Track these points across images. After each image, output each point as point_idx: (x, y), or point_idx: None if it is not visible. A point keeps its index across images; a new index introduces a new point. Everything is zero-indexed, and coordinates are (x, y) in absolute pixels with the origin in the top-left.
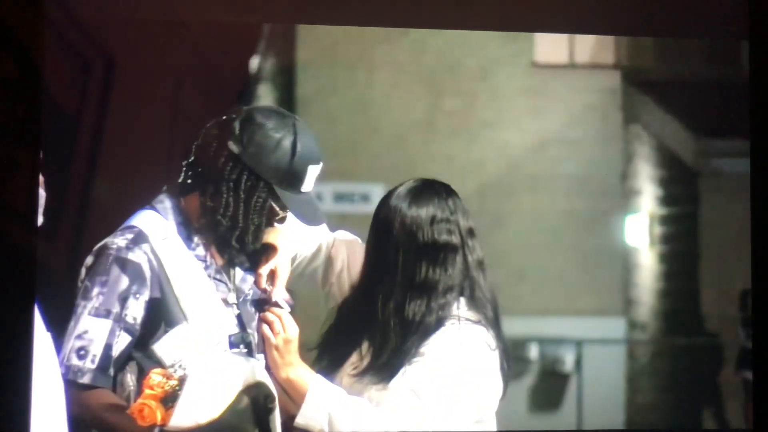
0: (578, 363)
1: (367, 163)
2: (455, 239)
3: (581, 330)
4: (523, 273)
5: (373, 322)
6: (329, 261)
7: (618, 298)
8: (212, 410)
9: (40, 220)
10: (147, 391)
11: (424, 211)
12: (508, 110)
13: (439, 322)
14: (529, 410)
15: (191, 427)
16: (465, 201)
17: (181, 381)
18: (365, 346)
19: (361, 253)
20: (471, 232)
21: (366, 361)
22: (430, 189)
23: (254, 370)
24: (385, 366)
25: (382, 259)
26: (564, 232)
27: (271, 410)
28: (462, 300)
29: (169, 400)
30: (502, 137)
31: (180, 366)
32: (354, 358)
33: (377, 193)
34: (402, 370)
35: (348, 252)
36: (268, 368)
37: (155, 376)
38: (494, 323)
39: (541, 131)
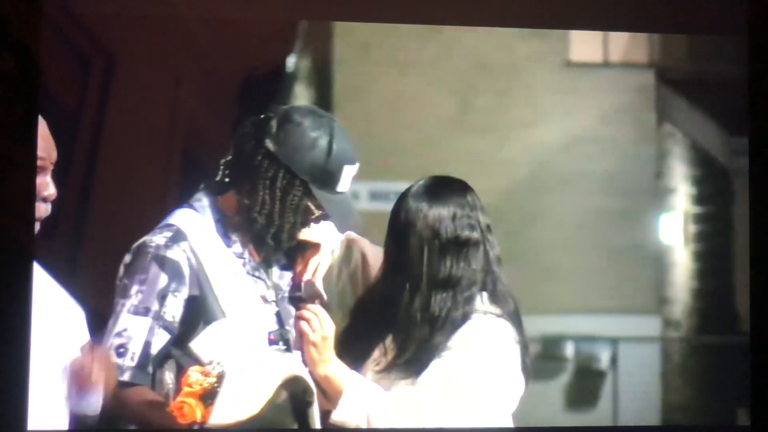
0: (613, 361)
1: (402, 161)
2: (476, 234)
3: (616, 328)
4: (556, 271)
5: (397, 318)
6: (343, 260)
7: (652, 296)
8: (252, 406)
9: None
10: (186, 389)
11: (445, 208)
12: (540, 108)
13: (465, 317)
14: (565, 408)
15: (231, 424)
16: (498, 199)
17: (220, 378)
18: (388, 342)
19: (375, 253)
20: (489, 228)
21: (390, 357)
22: (448, 186)
23: (292, 364)
24: (412, 361)
25: (406, 258)
26: (597, 231)
27: (309, 404)
28: (485, 294)
29: (208, 397)
30: (534, 135)
31: (218, 363)
32: (376, 354)
33: None
34: (430, 365)
35: (361, 251)
36: (304, 364)
37: (193, 373)
38: (516, 317)
39: (574, 129)
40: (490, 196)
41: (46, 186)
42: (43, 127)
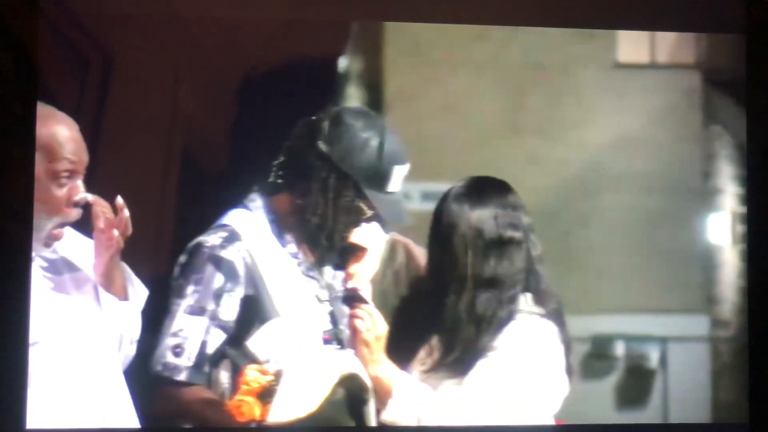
0: (663, 360)
1: (453, 162)
2: (519, 234)
3: (666, 327)
4: (606, 271)
5: (443, 318)
6: (388, 260)
7: (701, 295)
8: (309, 404)
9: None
10: (243, 387)
11: (487, 209)
12: (590, 109)
13: (510, 316)
14: (616, 406)
15: (289, 421)
16: (549, 199)
17: (277, 376)
18: (434, 342)
19: (419, 253)
20: (531, 228)
21: (436, 357)
22: (489, 187)
23: (349, 362)
24: (458, 361)
25: (450, 258)
26: (647, 231)
27: (365, 401)
28: (528, 295)
29: (266, 395)
30: (584, 136)
31: (275, 361)
32: (422, 354)
33: None
34: (477, 365)
35: (406, 251)
36: None
37: (251, 372)
38: (559, 317)
39: (622, 130)
40: (542, 196)
41: (77, 190)
42: (74, 130)
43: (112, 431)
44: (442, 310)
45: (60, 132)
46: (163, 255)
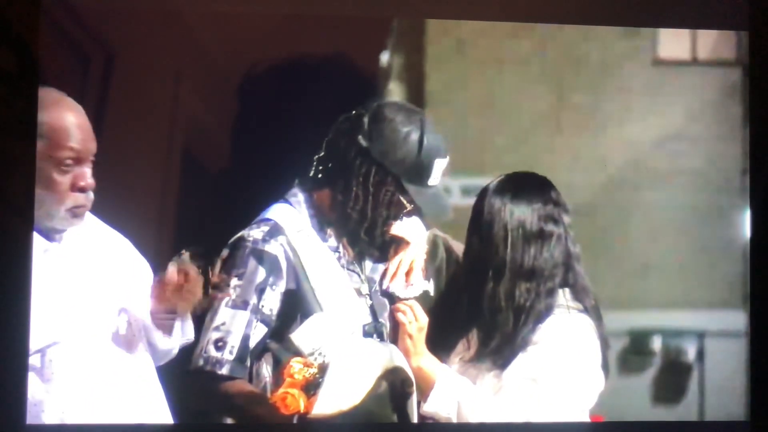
0: (700, 354)
1: (494, 157)
2: (559, 229)
3: (703, 322)
4: (645, 266)
5: (481, 310)
6: (429, 256)
7: (738, 291)
8: (354, 396)
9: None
10: (288, 380)
11: (527, 203)
12: (631, 105)
13: (548, 310)
14: (653, 401)
15: (334, 414)
16: (591, 195)
17: (321, 369)
18: (472, 335)
19: (458, 250)
20: (570, 226)
21: (474, 350)
22: (531, 182)
23: (392, 355)
24: (497, 354)
25: (489, 249)
26: (686, 226)
27: (409, 395)
28: (567, 290)
29: (310, 387)
30: (626, 132)
31: (320, 353)
32: (460, 348)
33: None
34: (517, 358)
35: (446, 247)
36: None
37: (296, 364)
38: (596, 313)
39: (664, 126)
40: (584, 191)
41: (83, 176)
42: (81, 118)
43: (112, 427)
44: (480, 300)
45: (67, 119)
46: (164, 252)
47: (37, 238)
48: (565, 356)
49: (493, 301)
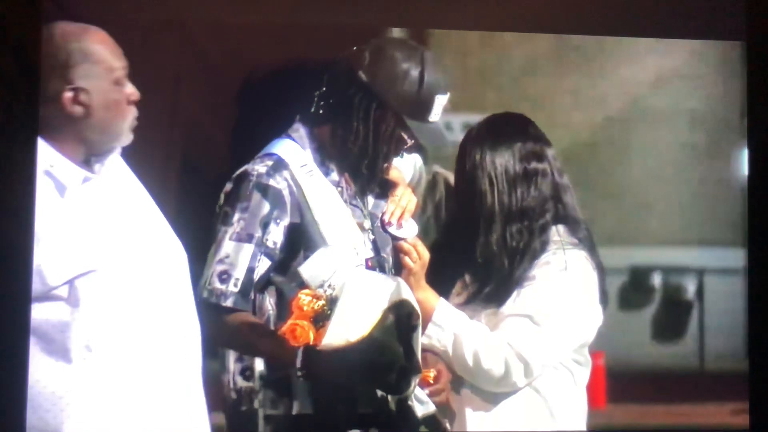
0: (699, 292)
1: (496, 94)
2: (543, 164)
3: (702, 259)
4: (646, 204)
5: (476, 252)
6: (428, 193)
7: (738, 229)
8: (362, 328)
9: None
10: (297, 312)
11: (508, 146)
12: (630, 47)
13: (543, 246)
14: (653, 337)
15: (342, 345)
16: (590, 133)
17: (329, 300)
18: (468, 276)
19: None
20: (555, 157)
21: (471, 289)
22: (508, 122)
23: (399, 287)
24: (494, 292)
25: (477, 196)
26: (686, 164)
27: (414, 327)
28: (560, 227)
29: (319, 319)
30: (625, 72)
31: (329, 286)
32: (457, 288)
33: None
34: (513, 295)
35: (446, 185)
36: None
37: (304, 296)
38: (590, 243)
39: (661, 68)
40: (583, 130)
41: (132, 89)
42: (102, 35)
43: None
44: (474, 245)
45: (105, 39)
46: None
47: (74, 170)
48: (561, 293)
49: (488, 245)
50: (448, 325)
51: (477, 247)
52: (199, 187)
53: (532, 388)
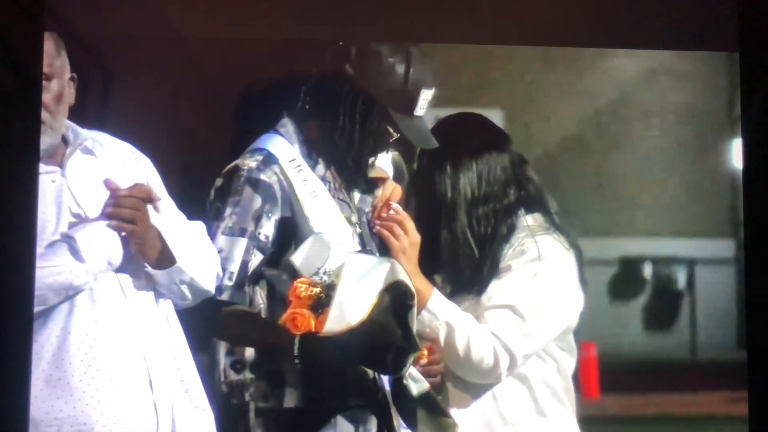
0: (690, 282)
1: (486, 90)
2: (495, 150)
3: (693, 250)
4: (636, 196)
5: (446, 246)
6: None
7: (727, 220)
8: (360, 311)
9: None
10: (295, 301)
11: (460, 143)
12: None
13: (510, 231)
14: (645, 327)
15: (343, 329)
16: (580, 127)
17: (326, 287)
18: (444, 269)
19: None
20: (507, 136)
21: (450, 283)
22: (462, 117)
23: (394, 268)
24: (470, 282)
25: (436, 189)
26: (675, 157)
27: (410, 307)
28: (527, 216)
29: (317, 306)
30: (613, 67)
31: (324, 272)
32: (438, 281)
33: (495, 119)
34: (492, 285)
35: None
36: None
37: (301, 285)
38: (561, 227)
39: (651, 62)
40: (574, 124)
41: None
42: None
43: None
44: (442, 238)
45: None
46: None
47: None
48: (538, 282)
49: (454, 237)
50: (440, 314)
51: (445, 240)
52: (188, 186)
53: (516, 377)
